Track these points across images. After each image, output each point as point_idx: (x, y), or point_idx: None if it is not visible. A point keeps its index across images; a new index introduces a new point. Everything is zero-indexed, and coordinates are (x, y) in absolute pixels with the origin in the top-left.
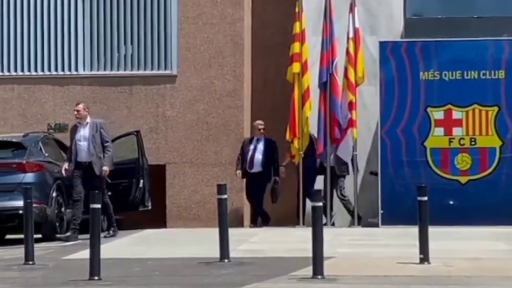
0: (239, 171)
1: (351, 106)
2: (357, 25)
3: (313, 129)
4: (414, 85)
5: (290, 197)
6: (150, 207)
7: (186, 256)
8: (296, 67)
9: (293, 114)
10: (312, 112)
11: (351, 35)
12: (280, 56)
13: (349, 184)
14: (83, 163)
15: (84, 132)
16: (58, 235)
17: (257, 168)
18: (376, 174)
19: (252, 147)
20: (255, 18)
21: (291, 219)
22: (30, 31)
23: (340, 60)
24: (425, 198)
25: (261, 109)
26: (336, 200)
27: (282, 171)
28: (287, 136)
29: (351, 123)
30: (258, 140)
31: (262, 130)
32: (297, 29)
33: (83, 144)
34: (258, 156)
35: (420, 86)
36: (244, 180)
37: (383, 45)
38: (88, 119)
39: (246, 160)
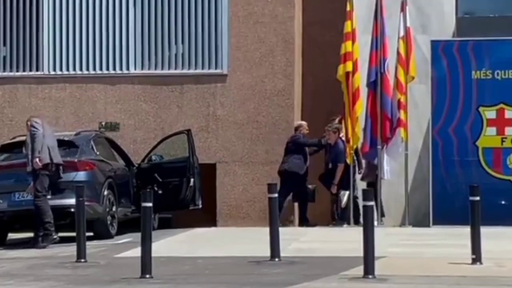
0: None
1: (399, 105)
2: (408, 24)
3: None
4: (466, 84)
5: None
6: (200, 206)
7: (237, 255)
8: (348, 66)
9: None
10: (362, 112)
11: (401, 34)
12: (331, 55)
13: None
14: None
15: None
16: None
17: None
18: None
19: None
20: (305, 17)
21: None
22: (82, 30)
23: (391, 59)
24: (477, 198)
25: (312, 108)
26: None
27: (333, 188)
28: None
29: (399, 122)
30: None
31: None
32: (348, 28)
33: None
34: None
35: (472, 85)
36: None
37: (434, 44)
38: None
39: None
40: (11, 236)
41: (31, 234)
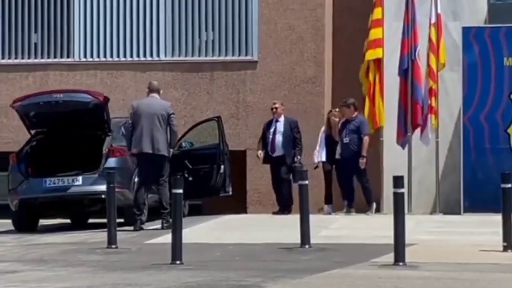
0: (260, 151)
1: (431, 93)
2: (439, 10)
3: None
4: (498, 71)
5: (374, 182)
6: (230, 193)
7: (267, 241)
8: (378, 52)
9: (374, 101)
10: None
11: (432, 21)
12: (361, 41)
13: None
14: None
15: None
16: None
17: (279, 151)
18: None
19: (272, 129)
20: (336, 3)
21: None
22: (113, 17)
23: (422, 46)
24: (509, 185)
25: (342, 96)
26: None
27: (362, 162)
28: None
29: (430, 109)
30: (277, 121)
31: (274, 110)
32: (378, 14)
33: None
34: (279, 138)
35: (504, 72)
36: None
37: (466, 30)
38: None
39: (268, 144)
40: (43, 222)
41: (63, 221)
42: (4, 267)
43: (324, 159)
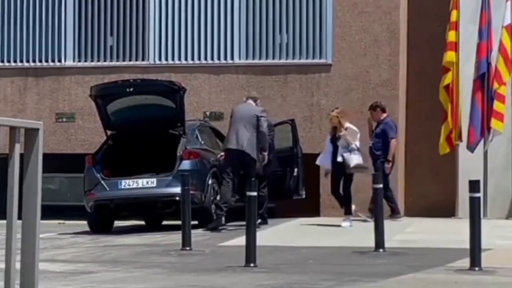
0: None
1: (496, 96)
2: None
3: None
4: None
5: (449, 187)
6: (304, 196)
7: (340, 245)
8: (451, 56)
9: (452, 103)
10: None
11: (505, 23)
12: (437, 45)
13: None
14: None
15: None
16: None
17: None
18: None
19: None
20: (411, 6)
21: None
22: (187, 20)
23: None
24: None
25: (417, 99)
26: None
27: (388, 167)
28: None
29: (492, 113)
30: None
31: None
32: (454, 17)
33: None
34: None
35: None
36: None
37: None
38: None
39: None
40: (117, 223)
41: (137, 222)
42: (80, 268)
43: (323, 163)
